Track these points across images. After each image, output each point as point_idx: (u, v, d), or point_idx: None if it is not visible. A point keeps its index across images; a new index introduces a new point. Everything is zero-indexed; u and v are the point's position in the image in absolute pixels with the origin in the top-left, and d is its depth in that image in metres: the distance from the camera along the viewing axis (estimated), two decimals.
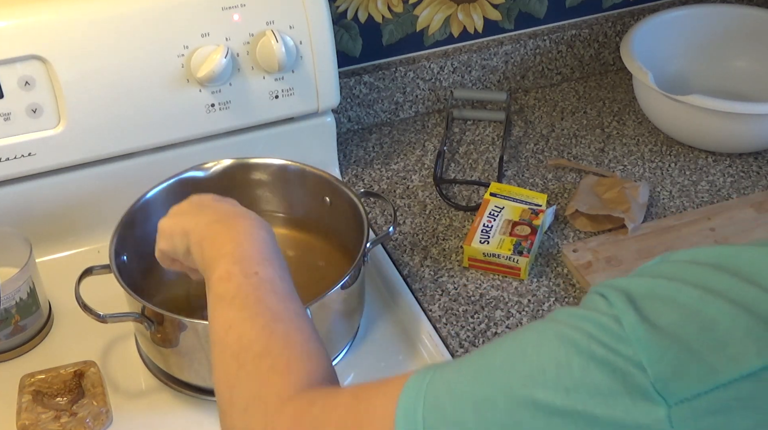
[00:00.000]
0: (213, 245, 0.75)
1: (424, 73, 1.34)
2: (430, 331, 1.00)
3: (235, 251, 0.73)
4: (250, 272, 0.71)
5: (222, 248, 0.74)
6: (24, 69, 0.99)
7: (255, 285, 0.70)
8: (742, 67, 1.36)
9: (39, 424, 0.89)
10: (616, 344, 0.52)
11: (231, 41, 1.06)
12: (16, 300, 0.97)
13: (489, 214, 1.11)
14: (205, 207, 0.81)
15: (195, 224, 0.78)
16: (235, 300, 0.69)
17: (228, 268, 0.71)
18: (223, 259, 0.72)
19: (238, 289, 0.70)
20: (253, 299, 0.69)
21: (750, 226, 1.12)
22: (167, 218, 0.84)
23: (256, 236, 0.75)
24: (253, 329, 0.67)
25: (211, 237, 0.75)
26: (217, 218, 0.78)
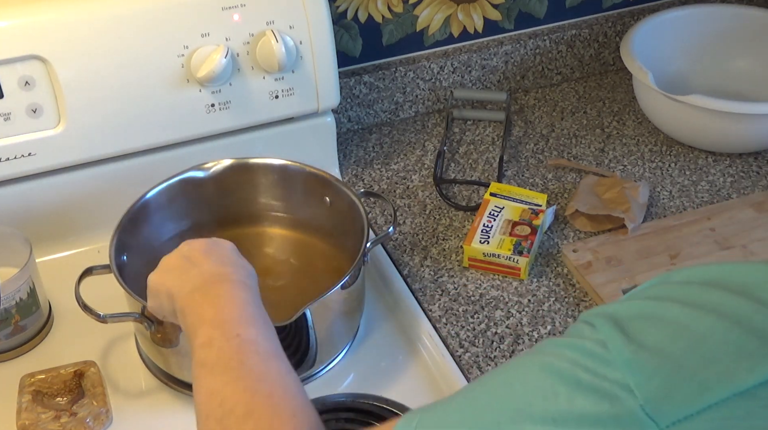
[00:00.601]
0: (193, 312, 0.74)
1: (424, 73, 1.34)
2: (430, 331, 1.00)
3: (216, 316, 0.72)
4: (232, 334, 0.70)
5: (202, 315, 0.73)
6: (24, 69, 0.99)
7: (236, 347, 0.69)
8: (742, 67, 1.36)
9: (39, 424, 0.89)
10: (602, 368, 0.50)
11: (231, 41, 1.06)
12: (16, 300, 0.97)
13: (489, 214, 1.11)
14: (191, 265, 0.79)
15: (179, 289, 0.78)
16: (217, 366, 0.69)
17: (209, 333, 0.71)
18: (203, 325, 0.72)
19: (219, 353, 0.69)
20: (235, 362, 0.68)
21: (750, 226, 1.12)
22: (155, 273, 0.82)
23: (237, 298, 0.74)
24: (235, 393, 0.66)
25: (191, 305, 0.75)
26: (198, 285, 0.76)
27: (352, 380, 0.97)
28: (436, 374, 0.97)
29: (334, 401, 0.92)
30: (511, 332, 1.00)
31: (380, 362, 0.99)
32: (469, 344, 0.99)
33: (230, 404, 0.66)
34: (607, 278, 1.04)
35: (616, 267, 1.06)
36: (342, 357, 0.99)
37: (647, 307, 0.53)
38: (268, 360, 0.70)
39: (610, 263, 1.07)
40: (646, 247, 1.09)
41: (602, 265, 1.06)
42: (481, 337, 1.00)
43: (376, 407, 0.91)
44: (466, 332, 1.01)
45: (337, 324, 0.97)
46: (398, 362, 0.99)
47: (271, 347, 0.71)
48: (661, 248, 1.09)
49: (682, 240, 1.10)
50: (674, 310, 0.51)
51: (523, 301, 1.04)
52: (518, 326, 1.01)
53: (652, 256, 1.08)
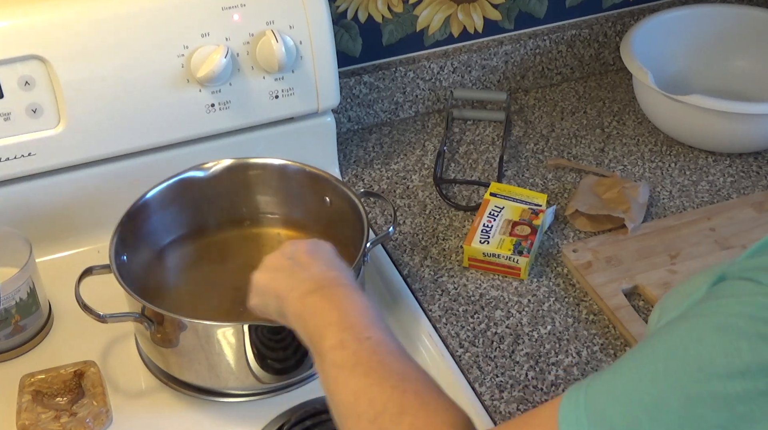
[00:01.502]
0: (315, 315, 0.74)
1: (424, 73, 1.34)
2: (430, 331, 1.00)
3: (342, 319, 0.72)
4: (363, 337, 0.70)
5: (326, 318, 0.73)
6: (24, 69, 0.99)
7: (371, 349, 0.69)
8: (742, 67, 1.36)
9: (39, 424, 0.89)
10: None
11: (231, 41, 1.06)
12: (16, 300, 0.97)
13: (489, 214, 1.11)
14: (299, 268, 0.79)
15: (289, 290, 0.77)
16: (357, 367, 0.68)
17: (339, 336, 0.71)
18: (330, 327, 0.72)
19: (356, 356, 0.69)
20: (374, 363, 0.68)
21: (750, 226, 1.12)
22: (260, 272, 0.82)
23: (357, 301, 0.74)
24: (383, 392, 0.66)
25: (311, 309, 0.75)
26: (313, 288, 0.76)
27: None
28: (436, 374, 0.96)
29: None
30: (511, 332, 1.00)
31: None
32: (469, 344, 0.99)
33: (381, 404, 0.66)
34: (607, 278, 1.04)
35: (616, 267, 1.06)
36: None
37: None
38: (405, 359, 0.70)
39: (610, 263, 1.07)
40: (646, 247, 1.09)
41: (602, 265, 1.06)
42: (481, 337, 1.00)
43: None
44: (466, 332, 1.00)
45: None
46: None
47: (400, 348, 0.71)
48: (661, 248, 1.09)
49: (682, 240, 1.10)
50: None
51: (523, 301, 1.04)
52: (518, 326, 1.01)
53: (652, 256, 1.08)
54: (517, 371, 0.96)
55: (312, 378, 0.96)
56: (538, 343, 0.99)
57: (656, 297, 1.01)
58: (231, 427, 0.93)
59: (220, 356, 0.90)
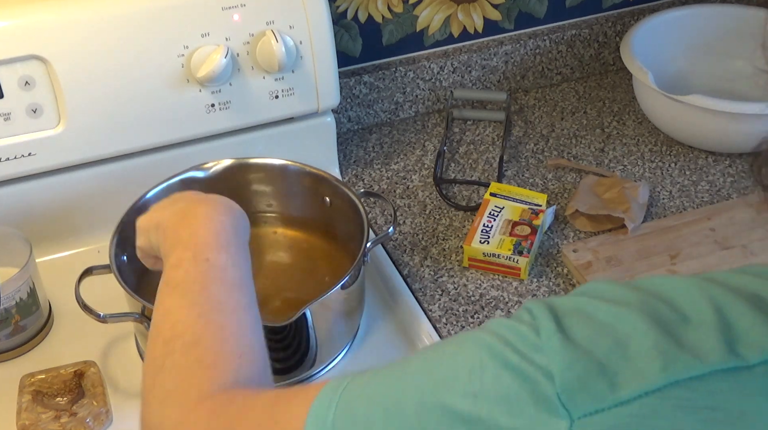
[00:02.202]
0: (172, 232, 0.74)
1: (424, 73, 1.34)
2: (430, 331, 1.00)
3: (191, 237, 0.72)
4: (201, 258, 0.70)
5: (179, 235, 0.73)
6: (24, 69, 0.99)
7: (203, 272, 0.69)
8: (742, 67, 1.36)
9: (39, 424, 0.89)
10: (531, 352, 0.51)
11: (231, 41, 1.06)
12: (16, 300, 0.97)
13: (489, 214, 1.11)
14: (179, 200, 0.80)
15: (166, 218, 0.77)
16: (179, 287, 0.69)
17: (180, 254, 0.71)
18: (177, 245, 0.72)
19: (185, 275, 0.69)
20: (197, 287, 0.68)
21: (750, 226, 1.12)
22: (145, 214, 0.83)
23: (216, 221, 0.74)
24: (189, 317, 0.66)
25: (171, 226, 0.75)
26: (181, 208, 0.77)
27: None
28: None
29: None
30: None
31: (380, 362, 0.99)
32: None
33: (181, 328, 0.66)
34: (607, 278, 1.04)
35: (616, 267, 1.06)
36: (342, 357, 0.99)
37: (582, 303, 0.54)
38: (231, 290, 0.69)
39: (610, 263, 1.07)
40: (646, 247, 1.09)
41: (602, 265, 1.06)
42: None
43: None
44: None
45: (337, 324, 0.97)
46: None
47: (237, 276, 0.70)
48: (661, 248, 1.09)
49: (682, 240, 1.10)
50: (605, 308, 0.52)
51: (523, 301, 1.04)
52: None
53: (652, 256, 1.08)
54: None
55: (312, 378, 0.96)
56: None
57: None
58: None
59: None
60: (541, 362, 0.51)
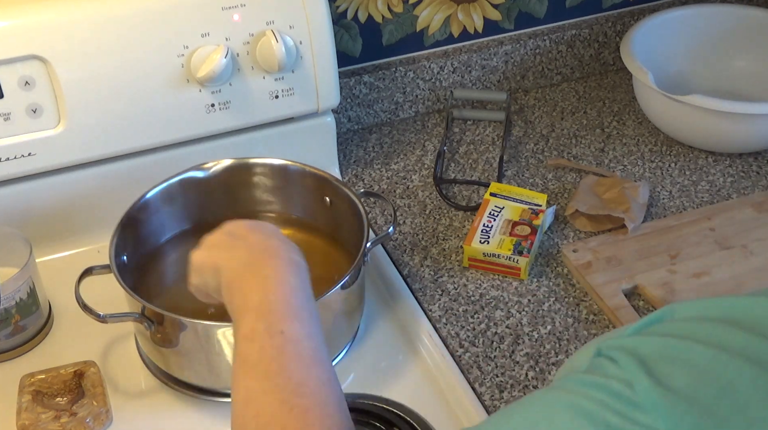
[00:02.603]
0: (240, 292, 0.71)
1: (424, 73, 1.34)
2: (430, 331, 1.00)
3: (262, 303, 0.69)
4: (276, 330, 0.67)
5: (249, 299, 0.70)
6: (24, 69, 0.99)
7: (279, 348, 0.67)
8: (742, 67, 1.36)
9: (39, 424, 0.89)
10: (631, 412, 0.49)
11: (231, 41, 1.06)
12: (16, 300, 0.97)
13: (489, 214, 1.11)
14: (237, 240, 0.77)
15: (226, 262, 0.75)
16: (257, 367, 0.66)
17: (253, 325, 0.68)
18: (249, 313, 0.69)
19: (260, 353, 0.67)
20: (275, 367, 0.66)
21: (750, 226, 1.12)
22: (199, 250, 0.80)
23: (286, 282, 0.71)
24: (272, 405, 0.64)
25: (239, 284, 0.72)
26: (248, 260, 0.74)
27: (352, 380, 0.97)
28: (436, 374, 0.97)
29: None
30: (511, 332, 1.00)
31: (380, 362, 0.99)
32: (469, 344, 0.99)
33: (265, 420, 0.64)
34: (607, 278, 1.04)
35: (616, 267, 1.06)
36: (342, 357, 0.99)
37: (670, 346, 0.51)
38: (310, 366, 0.67)
39: (610, 262, 1.07)
40: (646, 247, 1.09)
41: (602, 265, 1.06)
42: (481, 337, 1.00)
43: (376, 407, 0.91)
44: (466, 332, 1.00)
45: (337, 324, 0.97)
46: (398, 362, 0.99)
47: (314, 347, 0.68)
48: (661, 248, 1.09)
49: (682, 240, 1.10)
50: (698, 351, 0.50)
51: (523, 301, 1.04)
52: (518, 326, 1.01)
53: (652, 256, 1.08)
54: (517, 371, 0.96)
55: None
56: (538, 343, 0.99)
57: (656, 297, 1.01)
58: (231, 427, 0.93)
59: (220, 356, 0.90)
60: (644, 420, 0.48)
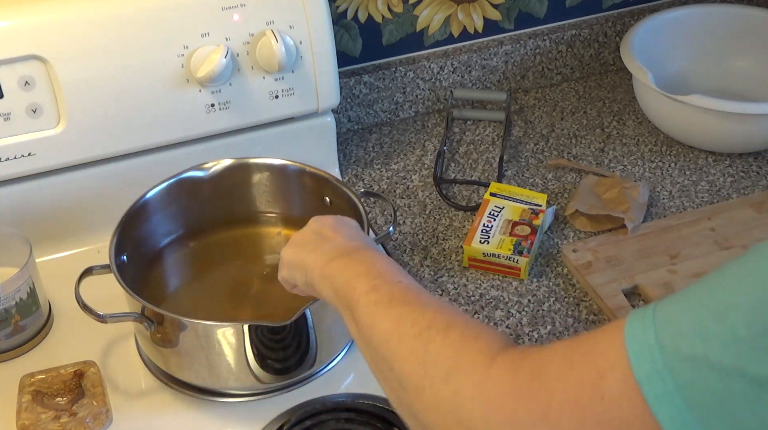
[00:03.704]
0: (343, 273, 0.74)
1: (424, 73, 1.34)
2: None
3: (370, 270, 0.73)
4: (394, 281, 0.71)
5: (355, 272, 0.74)
6: (24, 69, 0.99)
7: (406, 289, 0.70)
8: (742, 67, 1.36)
9: (39, 424, 0.89)
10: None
11: (231, 41, 1.06)
12: (16, 300, 0.97)
13: (489, 214, 1.11)
14: (324, 240, 0.81)
15: (314, 261, 0.78)
16: (394, 301, 0.69)
17: (371, 282, 0.71)
18: (360, 278, 0.72)
19: (391, 293, 0.70)
20: (412, 297, 0.69)
21: (750, 226, 1.12)
22: (288, 247, 0.84)
23: (383, 259, 0.76)
24: (425, 314, 0.66)
25: (338, 270, 0.75)
26: (338, 254, 0.77)
27: (352, 380, 0.97)
28: None
29: (334, 401, 0.92)
30: (511, 332, 1.00)
31: None
32: None
33: (426, 321, 0.65)
34: (607, 278, 1.04)
35: (616, 267, 1.06)
36: (342, 357, 0.99)
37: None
38: (433, 299, 0.70)
39: (610, 262, 1.07)
40: (646, 247, 1.09)
41: (602, 265, 1.06)
42: None
43: (376, 407, 0.91)
44: None
45: (337, 324, 0.96)
46: None
47: (425, 291, 0.72)
48: (661, 248, 1.09)
49: (682, 240, 1.10)
50: None
51: (523, 301, 1.04)
52: (518, 326, 1.01)
53: (652, 256, 1.08)
54: None
55: (312, 378, 0.96)
56: (538, 343, 0.99)
57: (656, 297, 1.01)
58: (231, 427, 0.93)
59: (220, 356, 0.90)
60: None
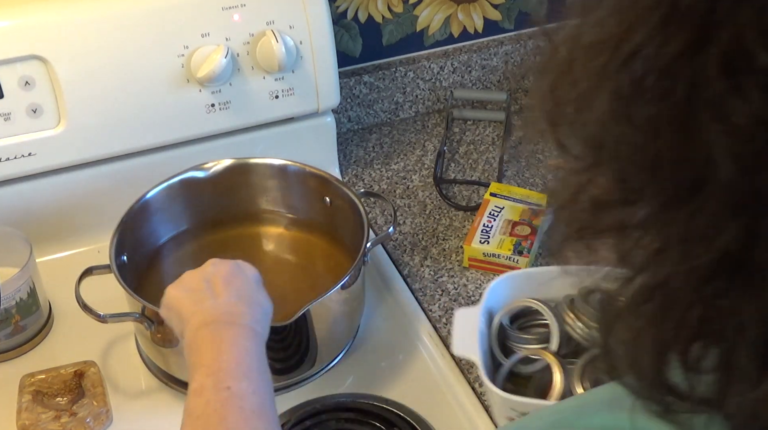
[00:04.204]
0: (196, 351, 0.74)
1: (424, 73, 1.34)
2: (430, 331, 1.00)
3: (213, 362, 0.72)
4: (222, 386, 0.70)
5: (202, 357, 0.73)
6: (24, 69, 0.99)
7: (223, 402, 0.69)
8: None
9: (39, 424, 0.89)
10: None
11: (231, 41, 1.06)
12: (16, 300, 0.97)
13: (489, 214, 1.11)
14: (209, 294, 0.78)
15: (190, 316, 0.77)
16: (200, 419, 0.69)
17: (201, 380, 0.71)
18: (200, 369, 0.72)
19: (205, 406, 0.69)
20: (215, 420, 0.68)
21: None
22: (173, 286, 0.82)
23: (241, 346, 0.74)
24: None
25: (197, 343, 0.74)
26: (210, 320, 0.76)
27: (352, 380, 0.97)
28: (436, 374, 0.97)
29: (334, 401, 0.92)
30: None
31: (380, 362, 0.99)
32: None
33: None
34: None
35: None
36: (342, 357, 0.99)
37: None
38: (250, 419, 0.69)
39: None
40: None
41: None
42: None
43: (376, 407, 0.91)
44: None
45: (337, 324, 0.97)
46: (398, 362, 0.99)
47: (258, 403, 0.70)
48: None
49: None
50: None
51: None
52: None
53: None
54: None
55: (312, 378, 0.96)
56: None
57: None
58: None
59: None
60: None
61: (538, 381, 0.89)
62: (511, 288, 0.94)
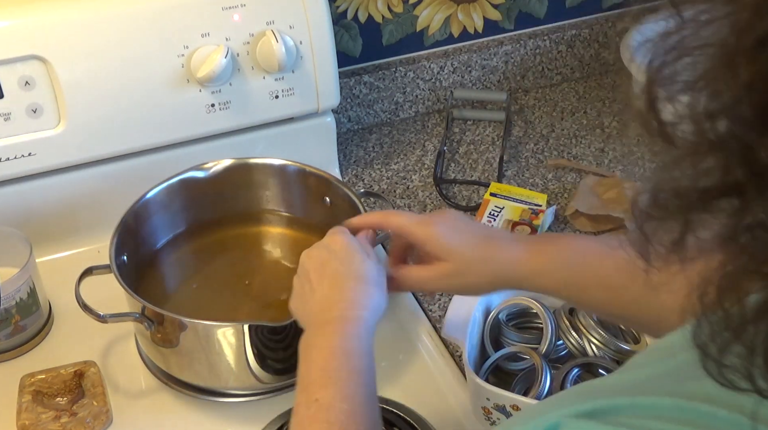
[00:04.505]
0: (304, 362, 0.73)
1: (424, 73, 1.34)
2: (430, 331, 1.00)
3: (305, 375, 0.71)
4: (311, 400, 0.69)
5: (299, 371, 0.72)
6: (24, 69, 0.99)
7: (311, 417, 0.68)
8: None
9: (39, 424, 0.89)
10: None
11: (231, 41, 1.06)
12: (16, 300, 0.97)
13: (489, 214, 1.11)
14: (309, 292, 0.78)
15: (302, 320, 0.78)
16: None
17: (297, 397, 0.71)
18: (297, 385, 0.71)
19: (298, 426, 0.68)
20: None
21: None
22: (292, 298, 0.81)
23: (327, 347, 0.72)
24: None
25: (300, 351, 0.74)
26: (307, 325, 0.75)
27: None
28: (436, 374, 0.97)
29: None
30: None
31: (380, 362, 0.98)
32: None
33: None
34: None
35: None
36: None
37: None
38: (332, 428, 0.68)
39: None
40: None
41: None
42: None
43: None
44: None
45: None
46: (398, 362, 0.99)
47: (348, 409, 0.68)
48: None
49: None
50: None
51: None
52: None
53: None
54: None
55: None
56: None
57: None
58: (231, 427, 0.93)
59: (220, 356, 0.90)
60: None
61: (521, 380, 0.91)
62: None
